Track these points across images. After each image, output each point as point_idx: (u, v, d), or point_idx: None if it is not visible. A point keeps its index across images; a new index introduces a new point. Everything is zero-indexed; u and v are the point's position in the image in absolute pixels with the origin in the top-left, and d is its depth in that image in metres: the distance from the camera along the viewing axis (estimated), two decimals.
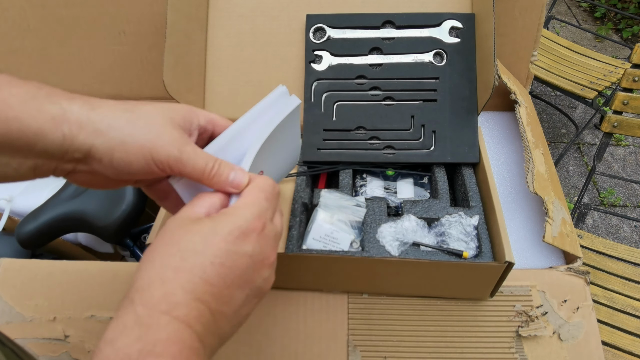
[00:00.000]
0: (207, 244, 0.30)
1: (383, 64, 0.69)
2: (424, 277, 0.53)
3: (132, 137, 0.31)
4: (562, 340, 0.55)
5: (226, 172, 0.35)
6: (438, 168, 0.66)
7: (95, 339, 0.55)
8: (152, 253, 0.30)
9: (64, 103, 0.30)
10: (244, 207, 0.32)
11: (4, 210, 0.85)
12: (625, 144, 2.03)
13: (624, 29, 2.57)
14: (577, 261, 0.58)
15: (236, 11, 0.74)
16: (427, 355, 0.55)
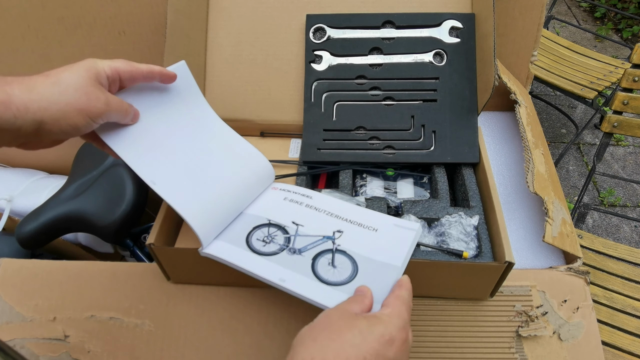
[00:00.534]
0: (364, 340, 0.37)
1: (383, 64, 0.69)
2: (424, 277, 0.53)
3: (70, 106, 0.40)
4: (562, 340, 0.55)
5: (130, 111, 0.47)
6: (438, 168, 0.66)
7: (95, 339, 0.55)
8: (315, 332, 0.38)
9: (7, 89, 0.37)
10: (393, 316, 0.40)
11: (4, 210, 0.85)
12: (625, 144, 2.03)
13: (624, 29, 2.56)
14: (577, 261, 0.58)
15: (236, 11, 0.74)
16: (427, 355, 0.55)
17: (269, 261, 0.48)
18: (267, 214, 0.54)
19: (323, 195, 0.56)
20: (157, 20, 0.79)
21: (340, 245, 0.50)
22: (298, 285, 0.46)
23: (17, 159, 0.95)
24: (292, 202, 0.55)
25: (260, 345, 0.55)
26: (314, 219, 0.53)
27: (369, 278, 0.47)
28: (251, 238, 0.51)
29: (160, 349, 0.55)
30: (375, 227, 0.52)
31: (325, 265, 0.48)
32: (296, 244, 0.50)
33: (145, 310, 0.56)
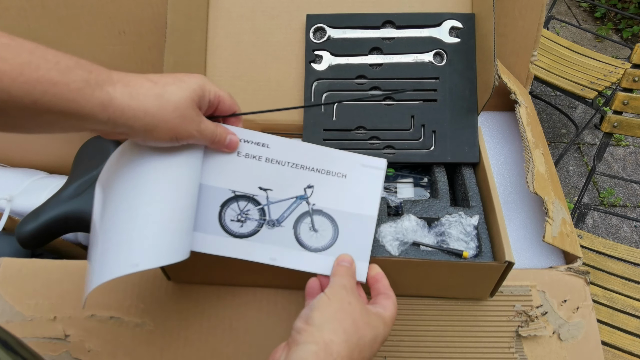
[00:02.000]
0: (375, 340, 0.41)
1: (383, 63, 0.69)
2: (424, 277, 0.53)
3: (163, 123, 0.40)
4: (562, 340, 0.55)
5: (225, 136, 0.46)
6: (438, 168, 0.66)
7: (96, 339, 0.55)
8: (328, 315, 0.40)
9: (109, 89, 0.37)
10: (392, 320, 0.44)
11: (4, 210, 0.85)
12: (625, 144, 2.03)
13: (624, 29, 2.57)
14: (577, 261, 0.58)
15: (236, 11, 0.74)
16: (427, 355, 0.55)
17: (253, 242, 0.48)
18: (227, 182, 0.48)
19: (280, 140, 0.49)
20: (157, 20, 0.79)
21: (315, 205, 0.49)
22: (289, 261, 0.47)
23: (17, 159, 0.95)
24: (249, 157, 0.49)
25: (260, 345, 0.55)
26: (280, 176, 0.49)
27: (349, 236, 0.48)
28: (225, 221, 0.48)
29: (160, 348, 0.55)
30: (344, 173, 0.50)
31: (306, 231, 0.48)
32: (272, 214, 0.49)
33: (146, 309, 0.56)
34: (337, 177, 0.50)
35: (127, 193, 0.43)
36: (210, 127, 0.45)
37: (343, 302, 0.41)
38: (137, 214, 0.42)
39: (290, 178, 0.49)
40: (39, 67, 0.33)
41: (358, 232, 0.49)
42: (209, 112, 0.46)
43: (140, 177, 0.44)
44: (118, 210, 0.43)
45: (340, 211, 0.49)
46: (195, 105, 0.42)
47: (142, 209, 0.42)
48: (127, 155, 0.45)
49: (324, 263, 0.48)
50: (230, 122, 0.49)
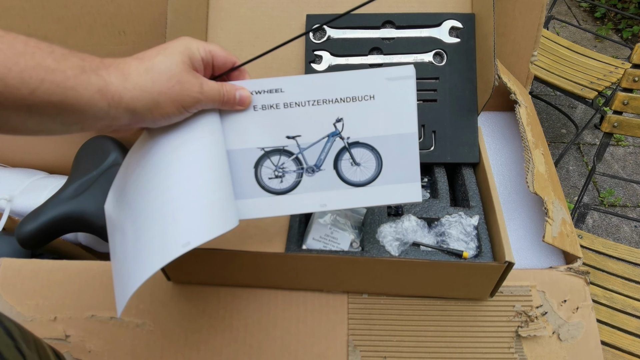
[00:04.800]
0: None
1: (383, 63, 0.69)
2: (424, 277, 0.54)
3: (162, 95, 0.38)
4: (562, 340, 0.55)
5: (233, 93, 0.45)
6: (438, 168, 0.66)
7: (96, 339, 0.55)
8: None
9: (105, 75, 0.36)
10: None
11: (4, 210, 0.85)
12: (625, 144, 2.03)
13: (624, 29, 2.56)
14: (577, 261, 0.58)
15: (236, 11, 0.74)
16: (426, 355, 0.55)
17: (298, 194, 0.46)
18: (253, 141, 0.46)
19: (293, 79, 0.47)
20: (157, 20, 0.79)
21: (350, 137, 0.46)
22: (339, 202, 0.46)
23: (17, 159, 0.95)
24: (266, 108, 0.46)
25: (260, 345, 0.55)
26: (304, 118, 0.46)
27: (394, 160, 0.46)
28: (263, 181, 0.47)
29: (160, 348, 0.55)
30: (371, 94, 0.46)
31: (348, 167, 0.46)
32: (308, 160, 0.47)
33: (146, 310, 0.56)
34: (365, 100, 0.46)
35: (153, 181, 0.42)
36: (214, 87, 0.43)
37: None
38: (171, 196, 0.40)
39: (315, 117, 0.46)
40: (34, 55, 0.32)
41: (402, 154, 0.46)
42: (208, 71, 0.44)
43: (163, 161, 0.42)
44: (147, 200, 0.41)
45: (377, 137, 0.46)
46: (188, 68, 0.41)
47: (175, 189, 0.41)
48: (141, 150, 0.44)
49: (377, 195, 0.46)
50: (234, 77, 0.47)
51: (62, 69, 0.33)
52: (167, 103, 0.39)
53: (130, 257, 0.40)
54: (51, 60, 0.33)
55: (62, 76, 0.33)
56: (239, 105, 0.45)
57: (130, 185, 0.44)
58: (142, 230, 0.40)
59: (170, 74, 0.39)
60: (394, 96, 0.46)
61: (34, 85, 0.32)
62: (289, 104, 0.46)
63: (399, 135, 0.46)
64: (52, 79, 0.33)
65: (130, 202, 0.43)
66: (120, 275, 0.41)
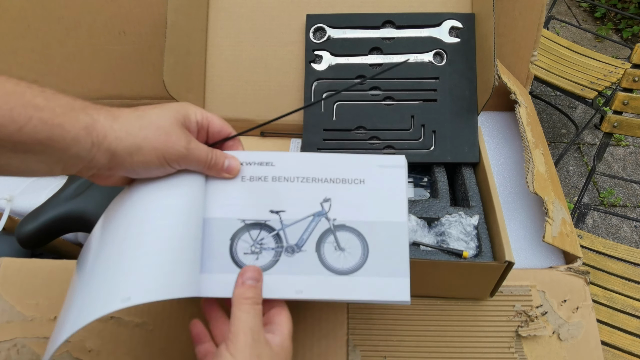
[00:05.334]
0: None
1: (383, 63, 0.69)
2: (424, 277, 0.54)
3: (147, 141, 0.37)
4: (562, 340, 0.55)
5: (222, 160, 0.43)
6: (438, 168, 0.66)
7: (96, 338, 0.55)
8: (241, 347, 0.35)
9: (94, 114, 0.36)
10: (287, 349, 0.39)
11: (4, 210, 0.85)
12: (625, 144, 2.03)
13: (624, 29, 2.57)
14: (577, 261, 0.58)
15: (236, 11, 0.74)
16: (426, 354, 0.55)
17: (273, 274, 0.41)
18: (235, 211, 0.43)
19: (285, 155, 0.45)
20: (157, 20, 0.79)
21: (337, 219, 0.43)
22: (318, 291, 0.41)
23: None
24: (254, 180, 0.44)
25: None
26: (291, 194, 0.44)
27: (381, 249, 0.42)
28: (237, 255, 0.42)
29: (160, 348, 0.55)
30: (361, 178, 0.44)
31: (332, 252, 0.42)
32: (289, 238, 0.43)
33: (146, 309, 0.56)
34: (355, 184, 0.44)
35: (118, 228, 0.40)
36: (202, 148, 0.41)
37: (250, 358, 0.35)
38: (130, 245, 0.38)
39: (303, 194, 0.44)
40: (24, 94, 0.33)
41: (390, 244, 0.43)
42: (202, 136, 0.44)
43: (135, 208, 0.40)
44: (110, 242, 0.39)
45: (365, 222, 0.43)
46: (180, 124, 0.40)
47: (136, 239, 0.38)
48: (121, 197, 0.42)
49: (359, 287, 0.41)
50: (228, 147, 0.46)
51: (51, 106, 0.34)
52: (149, 150, 0.38)
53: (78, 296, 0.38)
54: (41, 99, 0.33)
55: (50, 114, 0.33)
56: (226, 172, 0.44)
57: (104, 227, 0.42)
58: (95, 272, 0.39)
59: (160, 124, 0.38)
60: (385, 183, 0.44)
61: (21, 123, 0.32)
62: (278, 177, 0.44)
63: (387, 223, 0.43)
64: (40, 116, 0.33)
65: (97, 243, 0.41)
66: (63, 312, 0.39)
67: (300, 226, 0.43)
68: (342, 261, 0.42)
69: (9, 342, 0.55)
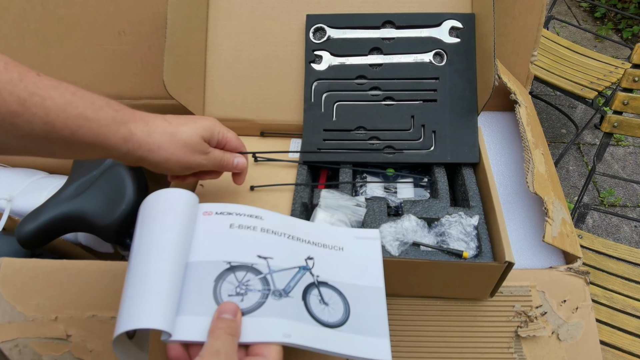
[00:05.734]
0: None
1: (383, 64, 0.69)
2: (424, 277, 0.54)
3: (174, 156, 0.47)
4: (561, 340, 0.55)
5: (232, 159, 0.53)
6: (438, 168, 0.66)
7: (97, 339, 0.55)
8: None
9: (132, 126, 0.44)
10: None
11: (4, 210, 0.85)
12: (625, 144, 2.03)
13: (624, 29, 2.56)
14: (577, 261, 0.58)
15: (236, 11, 0.74)
16: (426, 354, 0.55)
17: (259, 317, 0.39)
18: (220, 254, 0.42)
19: (272, 214, 0.47)
20: (157, 20, 0.79)
21: (320, 276, 0.44)
22: (307, 338, 0.39)
23: (17, 159, 0.95)
24: (243, 228, 0.44)
25: None
26: (279, 246, 0.45)
27: (361, 309, 0.43)
28: (221, 297, 0.40)
29: (160, 350, 0.55)
30: (340, 246, 0.48)
31: (317, 304, 0.42)
32: (276, 283, 0.42)
33: None
34: (335, 250, 0.47)
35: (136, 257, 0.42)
36: (218, 154, 0.51)
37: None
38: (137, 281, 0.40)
39: (289, 248, 0.45)
40: (78, 106, 0.40)
41: (369, 306, 0.44)
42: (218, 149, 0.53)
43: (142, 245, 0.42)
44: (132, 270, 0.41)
45: (345, 284, 0.45)
46: (203, 141, 0.49)
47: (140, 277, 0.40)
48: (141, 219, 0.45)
49: (345, 342, 0.40)
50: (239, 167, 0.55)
51: (97, 118, 0.41)
52: (174, 163, 0.47)
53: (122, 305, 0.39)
54: (90, 111, 0.41)
55: (96, 124, 0.41)
56: (235, 169, 0.54)
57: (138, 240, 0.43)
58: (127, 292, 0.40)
59: (188, 143, 0.47)
60: (361, 252, 0.48)
61: (74, 129, 0.40)
62: (266, 230, 0.45)
63: (366, 287, 0.45)
64: (89, 126, 0.40)
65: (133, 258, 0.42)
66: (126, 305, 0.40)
67: (287, 274, 0.43)
68: (326, 314, 0.42)
69: (10, 342, 0.55)
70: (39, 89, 0.37)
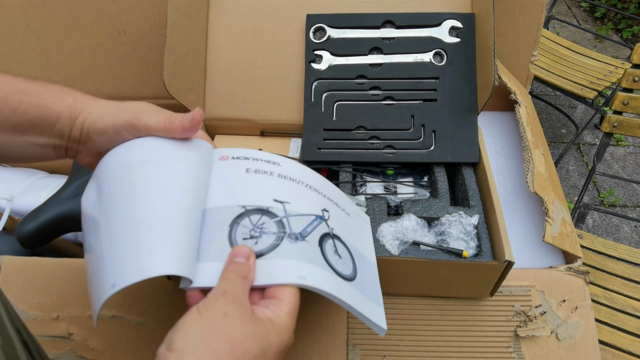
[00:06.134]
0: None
1: (383, 63, 0.69)
2: (424, 276, 0.54)
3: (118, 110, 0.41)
4: (560, 339, 0.55)
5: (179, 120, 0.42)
6: (438, 167, 0.66)
7: (99, 337, 0.55)
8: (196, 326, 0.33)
9: (78, 95, 0.41)
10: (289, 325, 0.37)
11: (4, 210, 0.85)
12: (625, 144, 2.03)
13: (624, 29, 2.56)
14: (577, 261, 0.58)
15: (236, 11, 0.74)
16: (425, 354, 0.55)
17: (273, 259, 0.38)
18: (236, 198, 0.41)
19: (290, 161, 0.45)
20: (157, 20, 0.79)
21: (334, 230, 0.43)
22: (322, 282, 0.37)
23: None
24: (260, 173, 0.43)
25: None
26: (296, 192, 0.43)
27: (363, 273, 0.43)
28: (236, 241, 0.39)
29: None
30: (347, 212, 0.47)
31: (332, 253, 0.41)
32: (292, 227, 0.40)
33: (147, 308, 0.57)
34: (344, 212, 0.47)
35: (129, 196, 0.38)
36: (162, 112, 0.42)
37: (216, 315, 0.33)
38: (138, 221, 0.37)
39: (306, 196, 0.43)
40: (19, 83, 0.39)
41: (369, 273, 0.44)
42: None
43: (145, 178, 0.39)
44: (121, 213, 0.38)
45: (352, 245, 0.44)
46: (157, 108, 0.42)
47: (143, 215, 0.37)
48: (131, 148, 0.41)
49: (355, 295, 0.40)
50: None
51: (39, 91, 0.39)
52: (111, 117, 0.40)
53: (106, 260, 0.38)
54: (32, 87, 0.39)
55: (38, 97, 0.39)
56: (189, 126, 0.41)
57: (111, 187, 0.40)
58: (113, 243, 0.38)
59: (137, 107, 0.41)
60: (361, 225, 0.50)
61: (14, 107, 0.38)
62: (284, 176, 0.44)
63: (365, 257, 0.46)
64: (29, 100, 0.38)
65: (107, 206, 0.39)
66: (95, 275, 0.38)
67: (304, 220, 0.41)
68: (340, 265, 0.41)
69: None
70: None
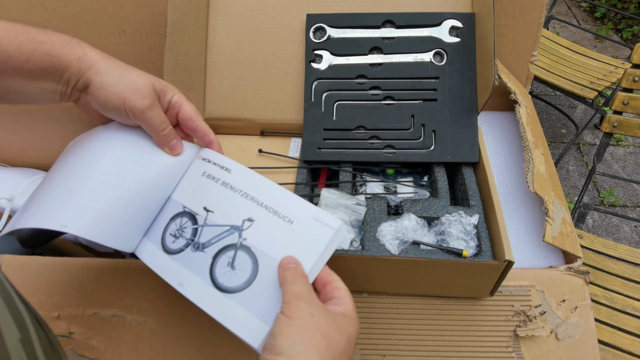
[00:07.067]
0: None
1: (383, 63, 0.70)
2: (424, 276, 0.54)
3: (117, 85, 0.44)
4: (559, 339, 0.55)
5: (172, 137, 0.48)
6: (438, 167, 0.66)
7: (99, 336, 0.55)
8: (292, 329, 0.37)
9: (87, 49, 0.44)
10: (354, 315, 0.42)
11: (4, 210, 0.85)
12: (625, 144, 2.03)
13: (624, 29, 2.56)
14: (577, 261, 0.58)
15: (236, 11, 0.74)
16: (425, 353, 0.55)
17: (173, 260, 0.46)
18: (184, 198, 0.49)
19: (243, 169, 0.49)
20: (157, 20, 0.79)
21: (247, 240, 0.45)
22: (193, 292, 0.44)
23: (17, 159, 0.95)
24: (210, 178, 0.49)
25: None
26: (228, 201, 0.47)
27: (265, 284, 0.43)
28: (166, 234, 0.47)
29: (163, 345, 0.55)
30: (291, 219, 0.45)
31: (224, 265, 0.44)
32: (201, 237, 0.46)
33: (148, 307, 0.57)
34: (283, 220, 0.45)
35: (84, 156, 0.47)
36: (160, 116, 0.46)
37: (305, 316, 0.37)
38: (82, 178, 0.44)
39: (235, 206, 0.47)
40: (30, 32, 0.41)
41: (275, 288, 0.42)
42: (170, 116, 0.48)
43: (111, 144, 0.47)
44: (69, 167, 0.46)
45: (269, 257, 0.44)
46: (153, 89, 0.45)
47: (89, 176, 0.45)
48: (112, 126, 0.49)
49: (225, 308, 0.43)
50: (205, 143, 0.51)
51: (51, 41, 0.41)
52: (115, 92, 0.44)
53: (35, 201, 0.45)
54: (43, 35, 0.41)
55: (50, 47, 0.41)
56: (169, 149, 0.49)
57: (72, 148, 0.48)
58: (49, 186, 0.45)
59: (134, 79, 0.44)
60: (309, 234, 0.44)
61: (28, 54, 0.40)
62: (226, 184, 0.48)
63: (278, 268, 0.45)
64: (42, 49, 0.41)
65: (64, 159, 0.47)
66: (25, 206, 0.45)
67: (215, 231, 0.46)
68: (226, 277, 0.44)
69: None
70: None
